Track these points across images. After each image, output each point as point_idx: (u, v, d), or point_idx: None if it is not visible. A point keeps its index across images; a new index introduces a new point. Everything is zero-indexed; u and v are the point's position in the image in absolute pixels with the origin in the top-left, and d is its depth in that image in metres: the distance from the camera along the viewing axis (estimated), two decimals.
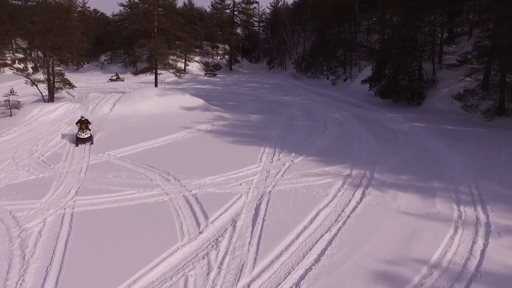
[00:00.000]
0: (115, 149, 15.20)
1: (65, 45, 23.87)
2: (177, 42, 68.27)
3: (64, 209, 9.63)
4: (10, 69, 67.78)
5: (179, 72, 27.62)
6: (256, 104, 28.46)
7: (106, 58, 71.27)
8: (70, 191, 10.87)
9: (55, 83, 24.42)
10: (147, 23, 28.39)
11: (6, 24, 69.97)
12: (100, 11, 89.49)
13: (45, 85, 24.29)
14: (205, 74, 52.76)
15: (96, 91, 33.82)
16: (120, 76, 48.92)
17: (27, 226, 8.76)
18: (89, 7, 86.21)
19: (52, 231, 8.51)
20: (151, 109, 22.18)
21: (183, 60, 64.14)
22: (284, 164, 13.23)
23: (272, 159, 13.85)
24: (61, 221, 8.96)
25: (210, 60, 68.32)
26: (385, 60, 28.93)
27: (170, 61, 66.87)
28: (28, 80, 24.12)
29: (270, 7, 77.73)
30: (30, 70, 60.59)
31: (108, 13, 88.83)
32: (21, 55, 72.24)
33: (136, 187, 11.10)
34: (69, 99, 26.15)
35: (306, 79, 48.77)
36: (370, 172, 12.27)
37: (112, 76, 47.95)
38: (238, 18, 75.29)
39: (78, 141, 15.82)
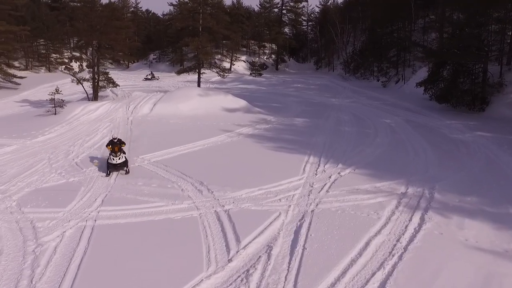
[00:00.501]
0: (150, 153, 14.49)
1: (111, 44, 23.77)
2: (224, 41, 68.31)
3: (86, 221, 8.88)
4: (65, 68, 71.24)
5: (223, 71, 26.76)
6: (302, 106, 27.08)
7: (155, 56, 72.58)
8: (96, 199, 10.15)
9: (99, 82, 24.35)
10: (193, 21, 27.83)
11: (66, 25, 73.49)
12: (152, 11, 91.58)
13: (89, 83, 24.29)
14: (250, 74, 51.91)
15: (141, 90, 33.91)
16: (156, 74, 48.28)
17: (44, 239, 8.05)
18: (141, 7, 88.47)
19: (69, 247, 7.73)
20: (192, 110, 21.48)
21: (229, 60, 63.86)
22: (330, 177, 11.86)
23: (316, 170, 12.52)
24: (79, 236, 8.18)
25: (256, 59, 67.52)
26: (443, 61, 26.57)
27: (216, 60, 66.98)
28: (75, 78, 24.22)
29: (319, 6, 75.72)
30: (77, 69, 62.84)
31: (159, 13, 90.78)
32: (77, 54, 75.35)
33: (165, 198, 10.19)
34: (112, 98, 26.09)
35: (355, 81, 46.61)
36: (429, 191, 10.63)
37: (147, 75, 47.18)
38: (286, 17, 73.92)
39: (109, 168, 12.12)
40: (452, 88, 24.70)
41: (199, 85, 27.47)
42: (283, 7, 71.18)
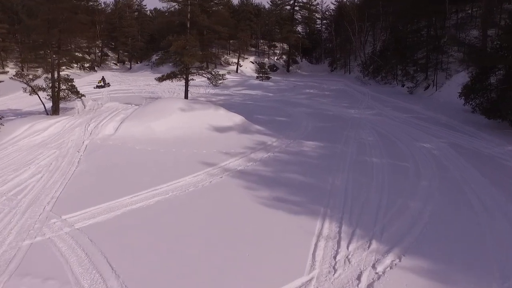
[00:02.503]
0: (81, 209, 9.55)
1: (74, 43, 18.95)
2: (231, 41, 63.32)
3: None
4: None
5: (216, 78, 21.67)
6: (313, 121, 21.90)
7: (157, 57, 67.85)
8: None
9: (61, 91, 19.58)
10: (179, 15, 22.93)
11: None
12: (158, 9, 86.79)
13: (46, 93, 19.46)
14: (257, 77, 46.67)
15: (130, 95, 29.39)
16: (107, 80, 38.34)
17: None
18: (145, 5, 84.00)
19: None
20: (169, 130, 16.54)
21: (228, 62, 58.94)
22: (360, 278, 6.75)
23: (335, 259, 7.41)
24: None
25: (265, 60, 62.41)
26: (491, 65, 21.14)
27: (222, 62, 62.01)
28: (29, 87, 19.43)
29: (335, 2, 70.09)
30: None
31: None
32: (79, 55, 71.38)
33: None
34: (77, 111, 21.27)
35: (375, 85, 41.12)
36: None
37: (99, 82, 36.26)
38: (298, 14, 68.54)
39: None
40: (507, 99, 19.27)
41: (186, 96, 22.46)
42: (296, 3, 65.83)
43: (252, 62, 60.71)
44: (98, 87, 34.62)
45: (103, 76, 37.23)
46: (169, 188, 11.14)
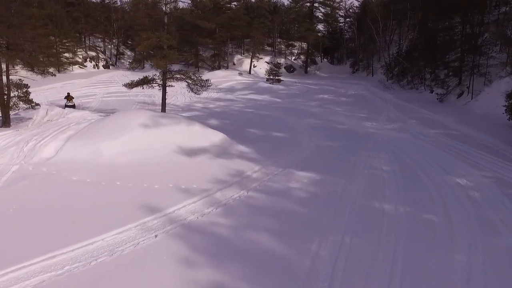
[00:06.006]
0: None
1: (24, 42, 15.55)
2: (246, 40, 59.54)
3: None
4: (80, 67, 65.21)
5: (197, 84, 17.76)
6: (318, 138, 17.79)
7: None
8: None
9: (12, 99, 16.17)
10: (152, 8, 19.25)
11: (81, 22, 68.37)
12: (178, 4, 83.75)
13: None
14: (266, 80, 42.53)
15: (124, 98, 26.28)
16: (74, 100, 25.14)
17: None
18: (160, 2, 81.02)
19: None
20: (122, 154, 12.80)
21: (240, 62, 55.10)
22: None
23: None
24: None
25: (282, 60, 58.26)
26: None
27: (235, 61, 58.26)
28: None
29: None
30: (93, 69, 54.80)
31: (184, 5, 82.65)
32: (93, 53, 69.44)
33: None
34: (32, 123, 17.82)
35: (400, 90, 36.41)
36: None
37: (66, 100, 24.32)
38: (319, 11, 63.95)
39: None
40: None
41: (163, 110, 18.64)
42: (316, 0, 61.33)
43: (267, 62, 56.70)
44: (67, 106, 23.49)
45: (68, 92, 25.30)
46: (70, 256, 7.38)
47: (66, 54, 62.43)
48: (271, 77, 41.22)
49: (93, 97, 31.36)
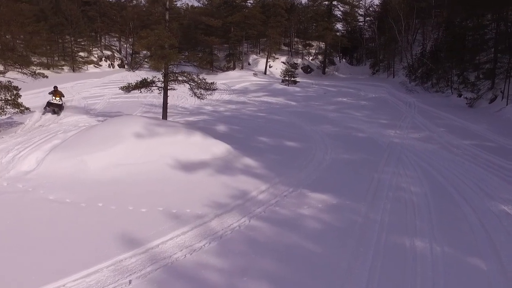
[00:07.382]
0: None
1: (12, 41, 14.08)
2: (261, 39, 57.75)
3: None
4: (95, 66, 64.62)
5: (204, 87, 16.11)
6: (335, 149, 15.87)
7: (183, 56, 63.39)
8: None
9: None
10: (153, 2, 17.63)
11: (97, 21, 68.02)
12: (191, 4, 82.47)
13: None
14: (282, 81, 40.60)
15: (133, 100, 24.92)
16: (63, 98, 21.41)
17: None
18: (176, 1, 79.73)
19: None
20: (110, 168, 11.17)
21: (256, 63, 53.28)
22: None
23: None
24: None
25: (299, 61, 56.26)
26: None
27: (251, 62, 56.49)
28: None
29: None
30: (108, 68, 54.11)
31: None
32: (109, 52, 68.86)
33: None
34: (21, 128, 16.37)
35: (423, 93, 34.06)
36: None
37: (51, 99, 19.93)
38: (337, 9, 61.63)
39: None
40: None
41: (164, 115, 16.94)
42: None
43: (283, 62, 54.81)
44: (51, 105, 19.70)
45: (55, 87, 20.77)
46: None
47: (81, 53, 61.99)
48: (286, 78, 39.28)
49: (101, 98, 30.06)
